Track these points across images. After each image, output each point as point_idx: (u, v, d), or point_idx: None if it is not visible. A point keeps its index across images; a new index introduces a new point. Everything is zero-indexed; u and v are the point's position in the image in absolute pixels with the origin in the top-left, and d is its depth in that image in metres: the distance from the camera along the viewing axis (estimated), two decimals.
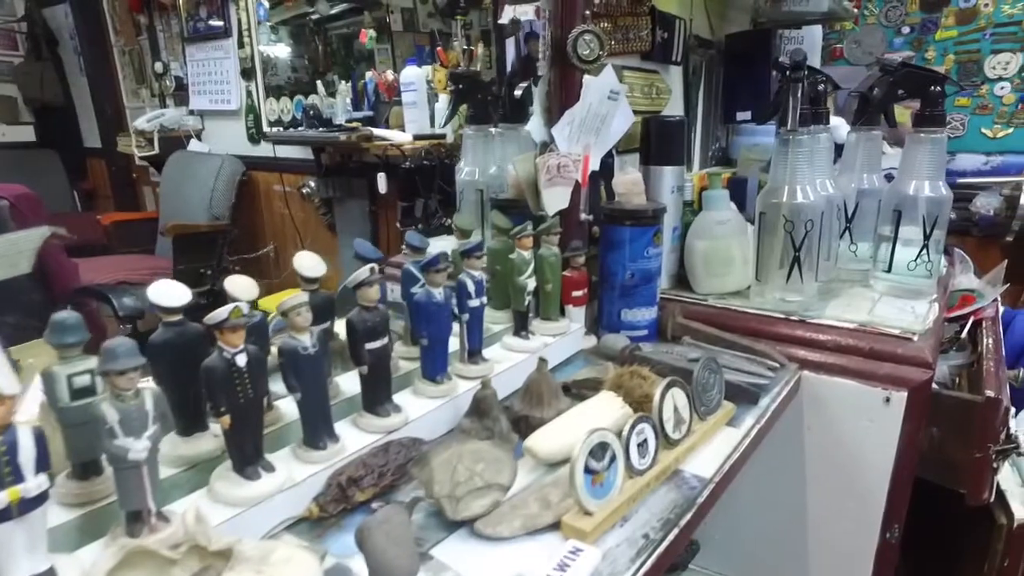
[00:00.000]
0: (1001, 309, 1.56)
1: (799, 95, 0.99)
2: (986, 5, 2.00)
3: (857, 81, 2.30)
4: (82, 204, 4.49)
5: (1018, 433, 0.94)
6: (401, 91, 2.30)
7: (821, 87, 1.14)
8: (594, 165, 1.11)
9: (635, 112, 1.24)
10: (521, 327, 0.99)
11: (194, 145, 3.63)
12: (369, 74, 2.77)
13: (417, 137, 2.12)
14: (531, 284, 0.96)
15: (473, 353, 0.89)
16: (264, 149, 3.20)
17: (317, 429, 0.70)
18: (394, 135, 2.18)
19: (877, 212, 1.20)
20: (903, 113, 2.21)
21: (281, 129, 3.17)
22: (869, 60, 2.24)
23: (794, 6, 1.67)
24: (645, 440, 0.70)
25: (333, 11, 2.96)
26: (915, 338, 0.98)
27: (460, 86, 1.30)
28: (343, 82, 2.88)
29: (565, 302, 1.08)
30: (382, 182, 2.32)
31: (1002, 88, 2.03)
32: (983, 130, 2.09)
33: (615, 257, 1.06)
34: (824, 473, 1.04)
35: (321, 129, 2.80)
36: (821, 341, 1.03)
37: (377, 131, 2.30)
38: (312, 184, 2.91)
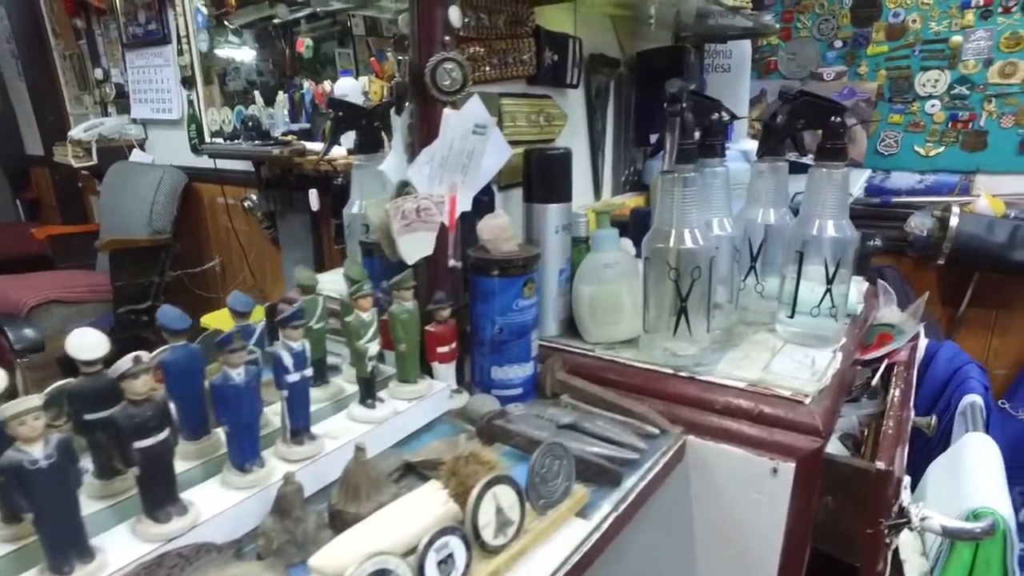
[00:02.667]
0: (925, 342, 1.49)
1: (676, 132, 0.88)
2: (914, 21, 1.94)
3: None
4: (26, 214, 4.33)
5: (911, 507, 0.85)
6: None
7: (716, 117, 1.04)
8: (464, 206, 1.00)
9: (522, 142, 1.14)
10: (367, 395, 0.87)
11: (137, 155, 3.50)
12: (306, 84, 2.67)
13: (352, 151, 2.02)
14: (373, 348, 0.84)
15: (297, 432, 0.77)
16: (207, 160, 3.07)
17: (63, 552, 0.58)
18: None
19: (783, 250, 1.11)
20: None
21: (222, 140, 3.06)
22: (804, 74, 2.17)
23: (720, 19, 1.59)
24: (450, 555, 0.59)
25: (294, 15, 2.85)
26: (807, 401, 0.89)
27: (339, 113, 1.19)
28: (280, 92, 2.77)
29: (430, 359, 0.97)
30: (314, 199, 2.21)
31: (932, 106, 1.97)
32: (916, 148, 2.02)
33: (482, 310, 0.95)
34: (714, 545, 0.95)
35: (257, 142, 2.71)
36: (709, 402, 0.93)
37: (311, 145, 2.21)
38: (254, 198, 2.79)
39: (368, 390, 0.87)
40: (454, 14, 0.92)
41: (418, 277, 0.99)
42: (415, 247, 0.95)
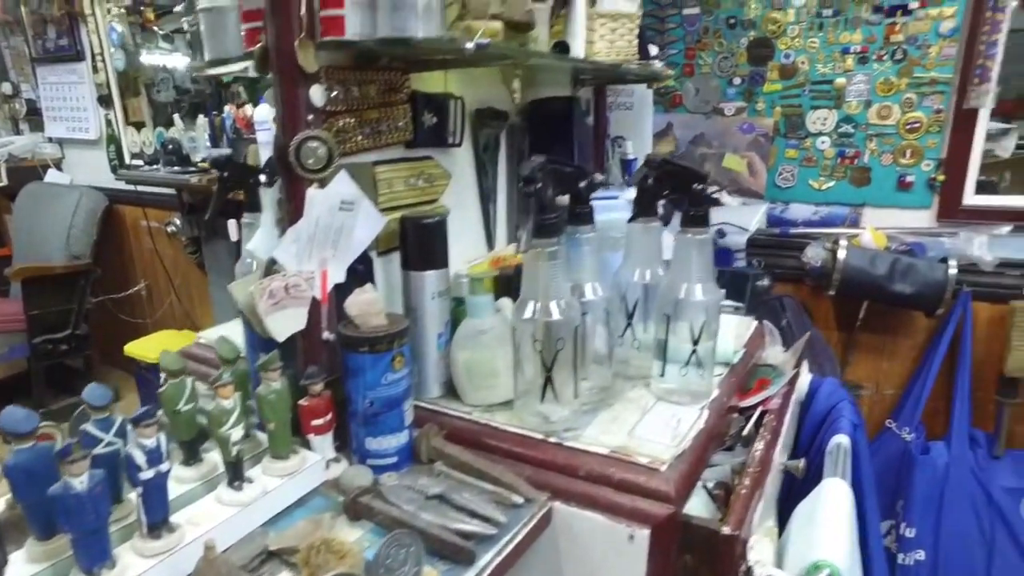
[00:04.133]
0: (808, 378, 1.57)
1: (530, 212, 0.92)
2: (803, 63, 2.03)
3: (697, 130, 2.31)
4: None
5: (755, 566, 0.90)
6: (256, 130, 2.18)
7: (584, 184, 1.08)
8: (337, 278, 1.01)
9: (401, 207, 1.16)
10: (235, 477, 0.88)
11: (53, 175, 3.36)
12: (227, 108, 2.61)
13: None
14: (236, 434, 0.85)
15: (154, 527, 0.77)
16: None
17: None
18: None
19: (655, 311, 1.15)
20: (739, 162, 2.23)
21: (143, 163, 2.98)
22: (707, 108, 2.25)
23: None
24: None
25: None
26: (663, 468, 0.93)
27: (224, 173, 1.19)
28: (200, 115, 2.71)
29: (305, 432, 0.98)
30: (233, 229, 2.17)
31: (823, 142, 2.07)
32: (811, 182, 2.13)
33: (353, 384, 0.96)
34: None
35: (177, 168, 2.64)
36: (575, 468, 0.96)
37: None
38: (177, 222, 2.72)
39: (235, 473, 0.88)
40: (316, 93, 0.93)
41: (293, 350, 1.00)
42: (285, 324, 0.95)
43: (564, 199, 1.07)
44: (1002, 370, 1.89)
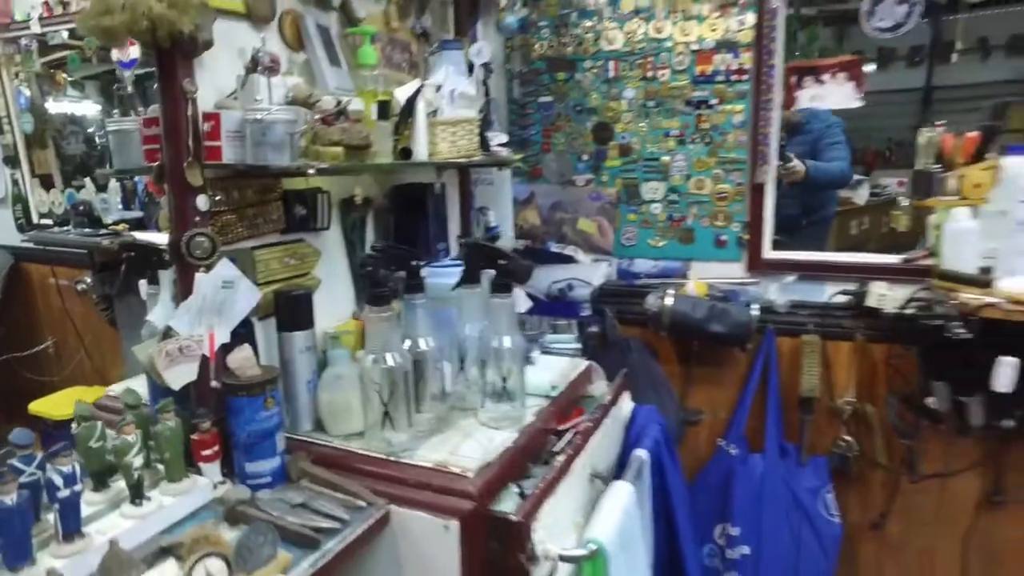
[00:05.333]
0: (630, 406, 1.93)
1: (370, 284, 1.24)
2: (636, 143, 2.46)
3: (555, 198, 2.71)
4: None
5: (537, 544, 1.23)
6: None
7: (414, 263, 1.42)
8: (223, 339, 1.30)
9: (276, 281, 1.46)
10: (136, 495, 1.15)
11: None
12: None
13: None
14: (137, 461, 1.13)
15: (69, 534, 1.04)
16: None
17: None
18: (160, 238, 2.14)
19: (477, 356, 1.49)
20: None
21: (52, 223, 3.02)
22: (563, 179, 2.64)
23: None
24: None
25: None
26: (470, 475, 1.25)
27: (131, 253, 1.46)
28: (113, 179, 2.80)
29: (197, 461, 1.25)
30: (143, 288, 2.36)
31: (656, 208, 2.49)
32: (649, 240, 2.54)
33: (234, 421, 1.25)
34: None
35: (88, 230, 2.71)
36: (406, 479, 1.28)
37: (144, 236, 2.21)
38: (88, 280, 2.80)
39: (136, 492, 1.15)
40: (201, 201, 1.24)
41: (187, 396, 1.28)
42: (180, 377, 1.24)
43: (401, 273, 1.40)
44: (800, 392, 2.31)
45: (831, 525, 2.26)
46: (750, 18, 2.27)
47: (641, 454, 1.67)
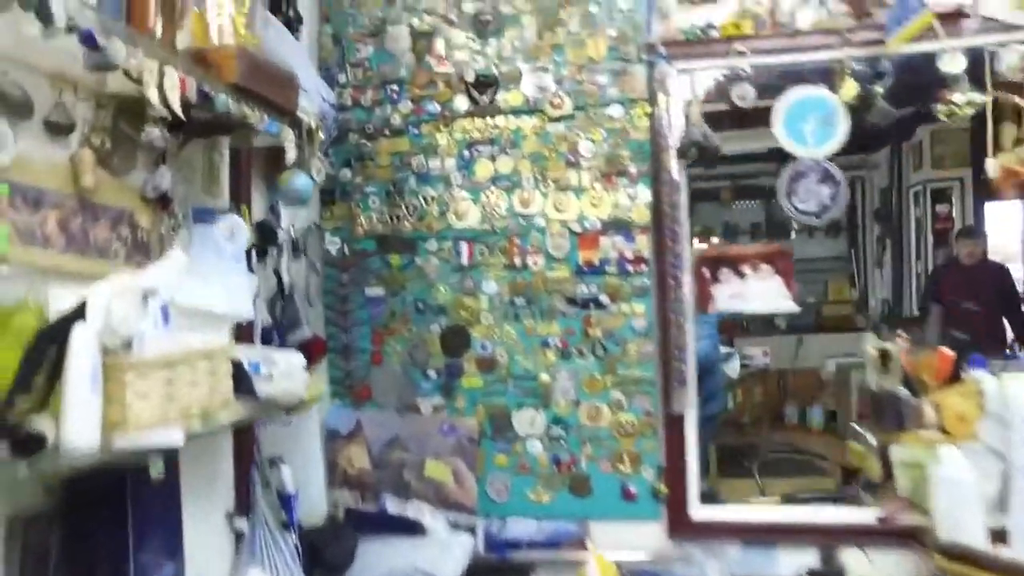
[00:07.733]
0: None
1: None
2: (502, 356, 1.77)
3: (391, 430, 1.90)
4: None
5: None
6: None
7: None
8: None
9: None
10: None
11: None
12: None
13: None
14: None
15: None
16: None
17: None
18: None
19: None
20: None
21: None
22: (402, 405, 1.90)
23: None
24: None
25: None
26: None
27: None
28: None
29: None
30: None
31: (534, 446, 1.77)
32: (528, 493, 1.79)
33: None
34: None
35: None
36: None
37: None
38: None
39: None
40: None
41: None
42: None
43: None
44: None
45: None
46: (643, 192, 1.72)
47: None
